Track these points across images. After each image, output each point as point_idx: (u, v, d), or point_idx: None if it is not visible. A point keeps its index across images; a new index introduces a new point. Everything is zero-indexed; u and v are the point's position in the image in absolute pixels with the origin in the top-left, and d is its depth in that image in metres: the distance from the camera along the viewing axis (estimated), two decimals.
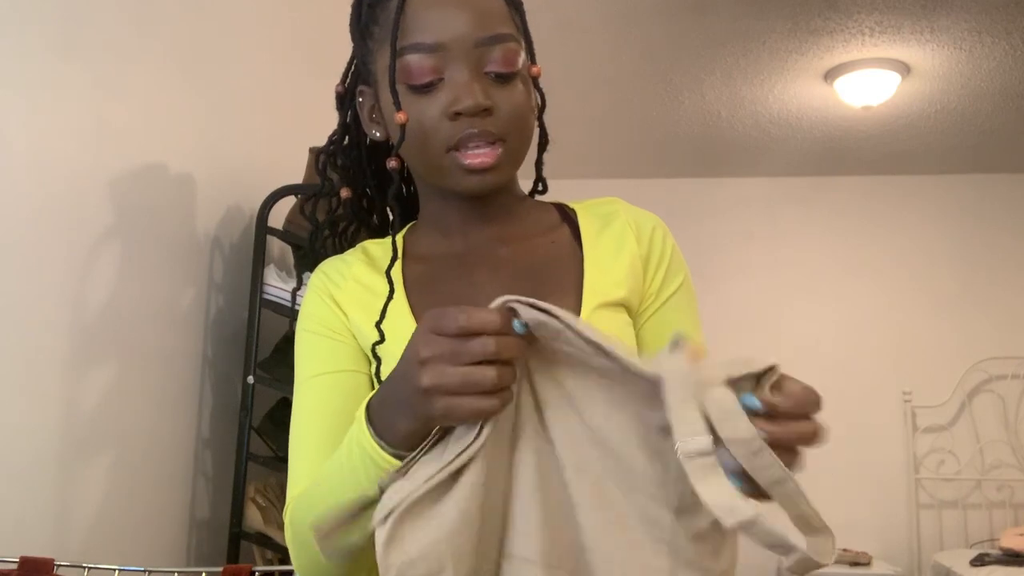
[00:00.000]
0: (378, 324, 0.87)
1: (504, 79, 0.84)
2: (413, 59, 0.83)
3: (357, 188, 1.00)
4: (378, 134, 0.93)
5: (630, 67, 3.54)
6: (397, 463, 0.69)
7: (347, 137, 0.99)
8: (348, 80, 0.97)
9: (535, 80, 0.89)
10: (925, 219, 4.61)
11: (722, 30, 3.20)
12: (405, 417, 0.68)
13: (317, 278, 0.95)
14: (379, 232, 1.03)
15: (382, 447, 0.70)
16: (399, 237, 0.96)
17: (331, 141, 0.99)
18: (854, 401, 4.46)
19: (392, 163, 0.90)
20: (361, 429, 0.72)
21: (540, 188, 1.02)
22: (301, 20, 2.50)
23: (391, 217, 0.99)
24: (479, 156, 0.83)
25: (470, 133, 0.82)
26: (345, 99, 0.97)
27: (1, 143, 1.37)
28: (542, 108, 0.95)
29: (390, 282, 0.88)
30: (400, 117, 0.83)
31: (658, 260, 0.92)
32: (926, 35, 3.19)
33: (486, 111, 0.83)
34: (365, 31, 0.89)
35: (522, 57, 0.86)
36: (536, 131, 0.96)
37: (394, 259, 0.89)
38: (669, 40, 3.30)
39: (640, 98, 3.84)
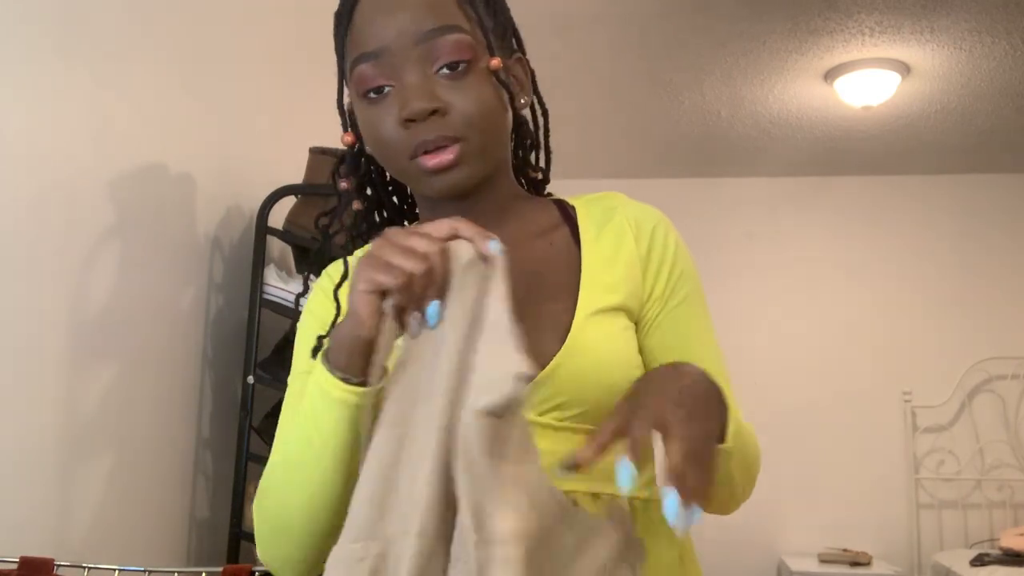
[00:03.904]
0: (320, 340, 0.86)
1: (456, 73, 0.81)
2: (362, 69, 0.82)
3: (371, 198, 0.98)
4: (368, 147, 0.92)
5: (630, 67, 3.54)
6: (345, 387, 0.71)
7: (357, 147, 0.96)
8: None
9: (496, 73, 0.84)
10: (925, 219, 4.61)
11: (722, 30, 3.20)
12: (347, 329, 0.71)
13: (324, 279, 0.95)
14: None
15: (331, 372, 0.72)
16: None
17: (341, 159, 0.96)
18: (854, 401, 4.46)
19: (343, 184, 0.91)
20: (317, 367, 0.74)
21: (537, 187, 1.00)
22: (301, 20, 2.50)
23: (404, 223, 0.99)
24: (437, 156, 0.81)
25: (424, 140, 0.81)
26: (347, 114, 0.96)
27: (1, 143, 1.37)
28: (544, 115, 0.93)
29: (338, 303, 0.87)
30: (346, 139, 0.86)
31: (659, 261, 0.89)
32: (926, 35, 3.19)
33: (436, 112, 0.80)
34: (338, 50, 0.89)
35: (475, 48, 0.82)
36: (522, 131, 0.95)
37: (343, 279, 0.89)
38: (669, 40, 3.30)
39: (640, 98, 3.84)
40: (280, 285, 2.01)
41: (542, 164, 1.00)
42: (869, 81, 3.47)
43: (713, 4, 3.01)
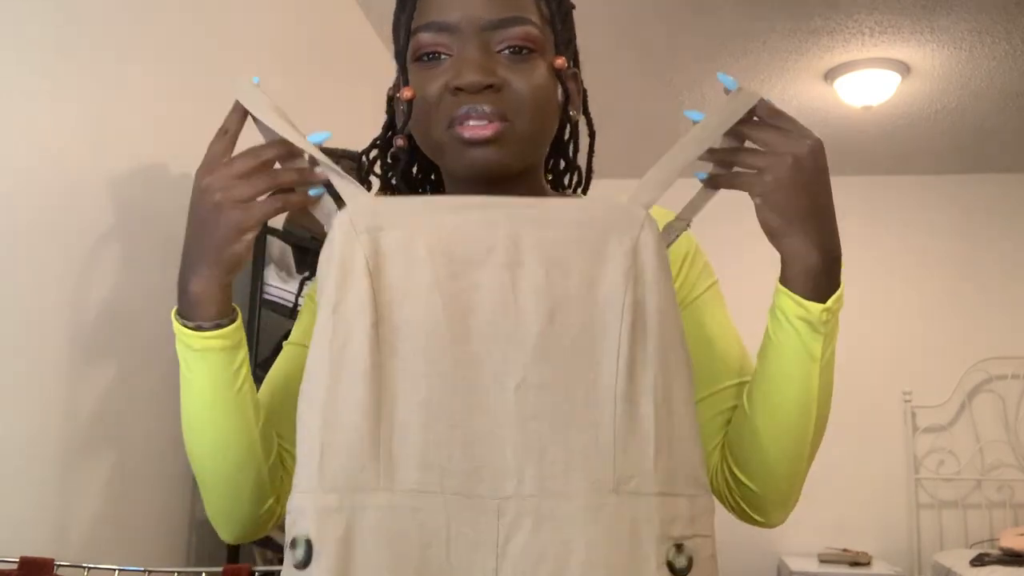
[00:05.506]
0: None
1: (519, 56, 0.81)
2: (424, 37, 0.82)
3: (397, 187, 0.98)
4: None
5: (630, 67, 3.54)
6: (196, 333, 0.81)
7: (391, 138, 0.96)
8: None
9: (559, 73, 0.85)
10: (925, 219, 4.61)
11: (722, 30, 3.20)
12: (200, 266, 0.81)
13: None
14: None
15: (183, 323, 0.81)
16: None
17: (374, 143, 0.96)
18: (854, 401, 4.45)
19: (399, 141, 0.89)
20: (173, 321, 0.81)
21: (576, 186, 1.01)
22: (301, 20, 2.49)
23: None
24: (476, 129, 0.79)
25: (469, 110, 0.79)
26: (393, 101, 0.96)
27: (1, 143, 1.37)
28: (591, 136, 0.97)
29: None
30: (406, 93, 0.82)
31: (681, 257, 0.92)
32: (926, 35, 3.19)
33: (490, 87, 0.79)
34: (397, 22, 0.88)
35: (542, 43, 0.83)
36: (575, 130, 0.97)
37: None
38: (669, 40, 3.30)
39: (640, 98, 3.84)
40: (280, 285, 2.01)
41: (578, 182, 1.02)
42: (869, 81, 3.47)
43: (713, 4, 3.01)
